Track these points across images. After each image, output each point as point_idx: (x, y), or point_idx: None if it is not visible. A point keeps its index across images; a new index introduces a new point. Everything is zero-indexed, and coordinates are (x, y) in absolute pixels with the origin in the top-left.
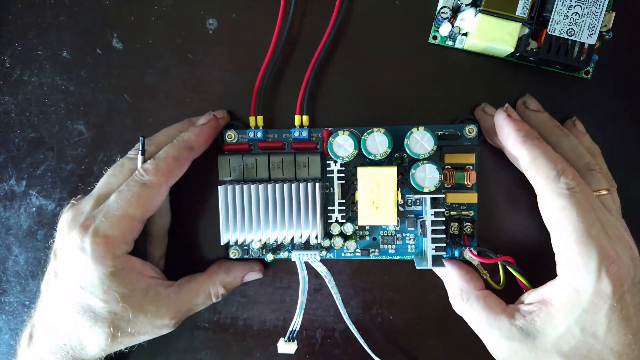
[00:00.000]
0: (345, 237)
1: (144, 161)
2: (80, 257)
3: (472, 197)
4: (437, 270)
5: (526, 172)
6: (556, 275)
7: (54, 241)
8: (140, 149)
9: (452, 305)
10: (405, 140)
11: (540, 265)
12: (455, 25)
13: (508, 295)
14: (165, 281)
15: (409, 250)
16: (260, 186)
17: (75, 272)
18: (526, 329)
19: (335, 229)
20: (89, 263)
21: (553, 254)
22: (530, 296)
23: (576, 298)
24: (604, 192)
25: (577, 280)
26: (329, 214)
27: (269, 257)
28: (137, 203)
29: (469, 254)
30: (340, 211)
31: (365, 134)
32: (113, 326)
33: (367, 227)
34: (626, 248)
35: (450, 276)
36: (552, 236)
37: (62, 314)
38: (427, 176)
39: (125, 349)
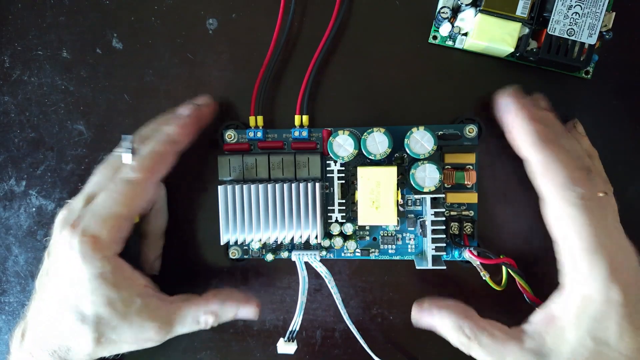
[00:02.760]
0: (345, 237)
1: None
2: (70, 256)
3: (472, 197)
4: (427, 321)
5: (535, 176)
6: (556, 280)
7: (49, 240)
8: (128, 146)
9: (460, 347)
10: (405, 140)
11: (540, 266)
12: (455, 25)
13: (509, 296)
14: (157, 293)
15: (409, 250)
16: (260, 186)
17: (65, 271)
18: (537, 351)
19: (335, 229)
20: (78, 262)
21: (553, 255)
22: (537, 316)
23: (585, 308)
24: (601, 194)
25: (586, 290)
26: (329, 214)
27: (269, 257)
28: (123, 201)
29: (468, 254)
30: (340, 211)
31: (365, 133)
32: (98, 331)
33: (367, 227)
34: (632, 254)
35: (444, 322)
36: (559, 245)
37: (52, 313)
38: (427, 176)
39: (110, 356)
